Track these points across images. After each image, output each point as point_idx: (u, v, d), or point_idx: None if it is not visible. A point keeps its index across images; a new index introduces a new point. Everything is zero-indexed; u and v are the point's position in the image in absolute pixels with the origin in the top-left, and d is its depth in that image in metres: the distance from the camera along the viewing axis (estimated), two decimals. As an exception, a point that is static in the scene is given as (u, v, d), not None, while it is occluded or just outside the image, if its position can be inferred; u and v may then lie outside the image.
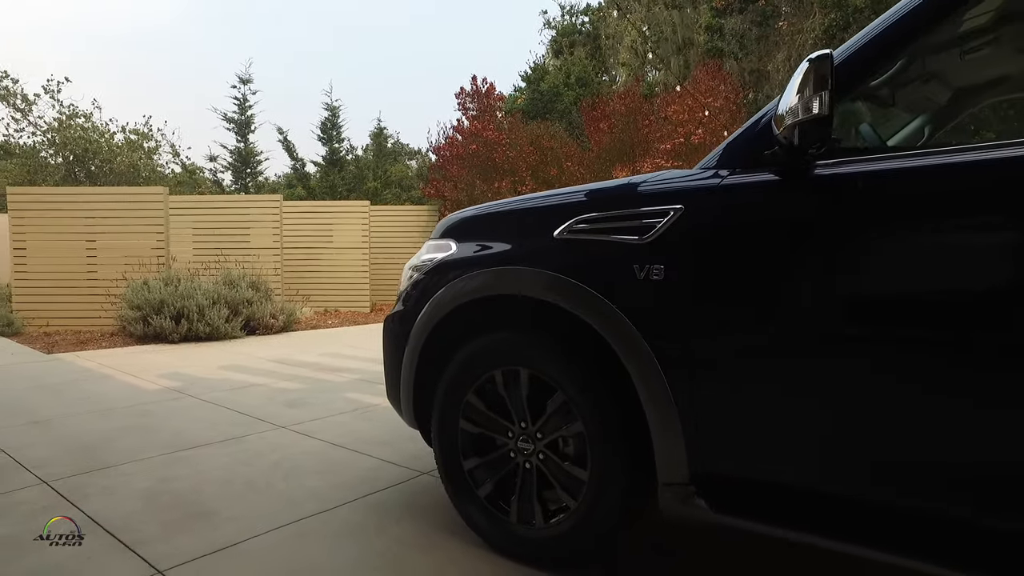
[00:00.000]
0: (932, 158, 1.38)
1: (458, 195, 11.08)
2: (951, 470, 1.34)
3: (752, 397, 1.54)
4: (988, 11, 1.71)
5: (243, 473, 2.80)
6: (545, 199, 2.04)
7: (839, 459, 1.46)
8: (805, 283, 1.48)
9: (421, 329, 2.19)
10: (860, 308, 1.41)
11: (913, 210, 1.37)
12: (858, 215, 1.43)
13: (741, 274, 1.56)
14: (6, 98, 10.95)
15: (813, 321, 1.47)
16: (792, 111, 1.35)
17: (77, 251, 8.02)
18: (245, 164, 17.85)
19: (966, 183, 1.33)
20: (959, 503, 1.33)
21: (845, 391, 1.42)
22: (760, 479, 1.56)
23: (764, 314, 1.53)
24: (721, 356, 1.58)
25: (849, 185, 1.44)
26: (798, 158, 1.46)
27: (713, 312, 1.58)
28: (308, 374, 5.28)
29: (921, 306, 1.34)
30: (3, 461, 2.97)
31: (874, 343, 1.39)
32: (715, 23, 11.47)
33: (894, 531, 1.38)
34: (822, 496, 1.49)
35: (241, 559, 2.01)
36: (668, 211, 1.64)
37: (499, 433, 2.06)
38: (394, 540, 2.14)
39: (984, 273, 1.28)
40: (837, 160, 1.47)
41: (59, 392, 4.54)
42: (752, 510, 1.55)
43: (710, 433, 1.58)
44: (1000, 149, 1.28)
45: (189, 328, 7.13)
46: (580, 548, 1.86)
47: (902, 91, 2.31)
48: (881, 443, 1.40)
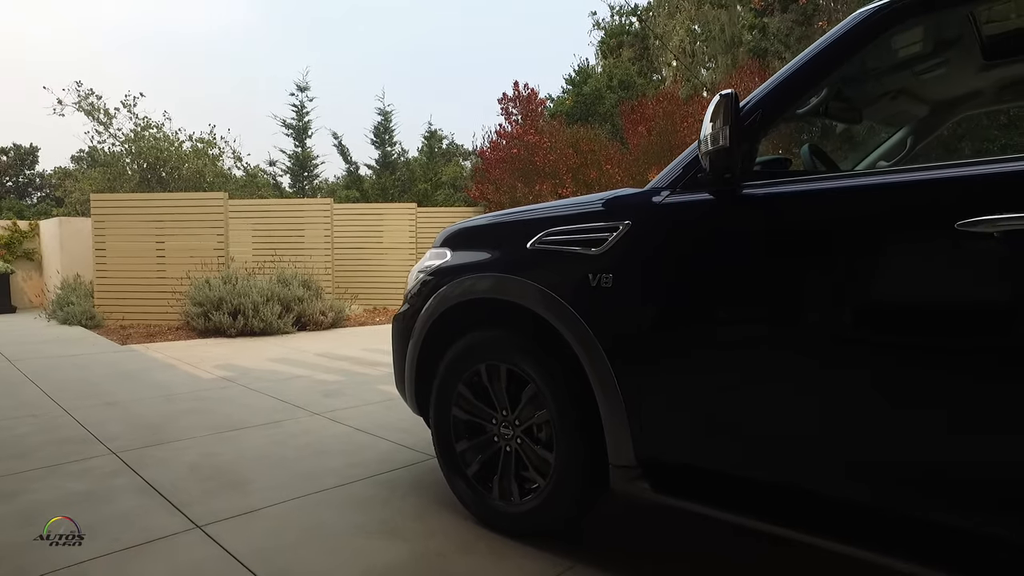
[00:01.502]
0: (826, 183, 1.57)
1: (500, 197, 11.39)
2: (839, 456, 1.53)
3: (681, 391, 1.76)
4: (915, 41, 1.88)
5: (276, 452, 3.18)
6: (523, 214, 2.30)
7: (757, 448, 1.66)
8: (726, 289, 1.70)
9: (421, 327, 2.49)
10: (769, 310, 1.62)
11: (805, 226, 1.58)
12: (767, 230, 1.64)
13: (675, 281, 1.79)
14: (91, 113, 12.01)
15: (734, 323, 1.68)
16: (704, 141, 1.58)
17: (148, 251, 8.76)
18: (303, 168, 18.73)
19: (847, 206, 1.53)
20: (850, 486, 1.52)
21: (758, 386, 1.63)
22: (691, 464, 1.78)
23: (694, 317, 1.75)
24: (657, 354, 1.81)
25: (763, 204, 1.65)
26: (720, 181, 1.67)
27: (652, 315, 1.81)
28: (348, 367, 5.69)
29: (816, 305, 1.54)
30: (83, 434, 3.46)
31: (779, 343, 1.59)
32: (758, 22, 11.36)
33: (804, 511, 1.58)
34: (744, 481, 1.70)
35: (263, 520, 2.36)
36: (617, 226, 1.88)
37: (485, 420, 2.33)
38: (395, 511, 2.45)
39: (862, 278, 1.47)
40: (760, 183, 1.68)
41: (131, 379, 5.10)
42: (686, 491, 1.77)
43: (650, 422, 1.81)
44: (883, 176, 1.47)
45: (245, 323, 7.71)
46: (547, 521, 2.12)
47: (871, 108, 2.46)
48: (789, 432, 1.60)
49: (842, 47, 1.61)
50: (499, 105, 11.78)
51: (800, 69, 1.64)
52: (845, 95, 2.15)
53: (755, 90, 1.75)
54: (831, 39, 1.62)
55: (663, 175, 1.90)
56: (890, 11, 1.57)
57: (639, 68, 17.56)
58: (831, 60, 1.64)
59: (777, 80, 1.66)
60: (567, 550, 2.10)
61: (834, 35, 1.62)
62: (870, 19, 1.58)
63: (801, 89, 1.69)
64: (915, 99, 2.45)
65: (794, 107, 1.74)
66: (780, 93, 1.66)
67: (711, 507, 1.69)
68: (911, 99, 2.43)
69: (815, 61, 1.63)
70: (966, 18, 1.83)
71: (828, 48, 1.61)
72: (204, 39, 65.26)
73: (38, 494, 2.60)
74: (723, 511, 1.66)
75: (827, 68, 1.66)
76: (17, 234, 11.88)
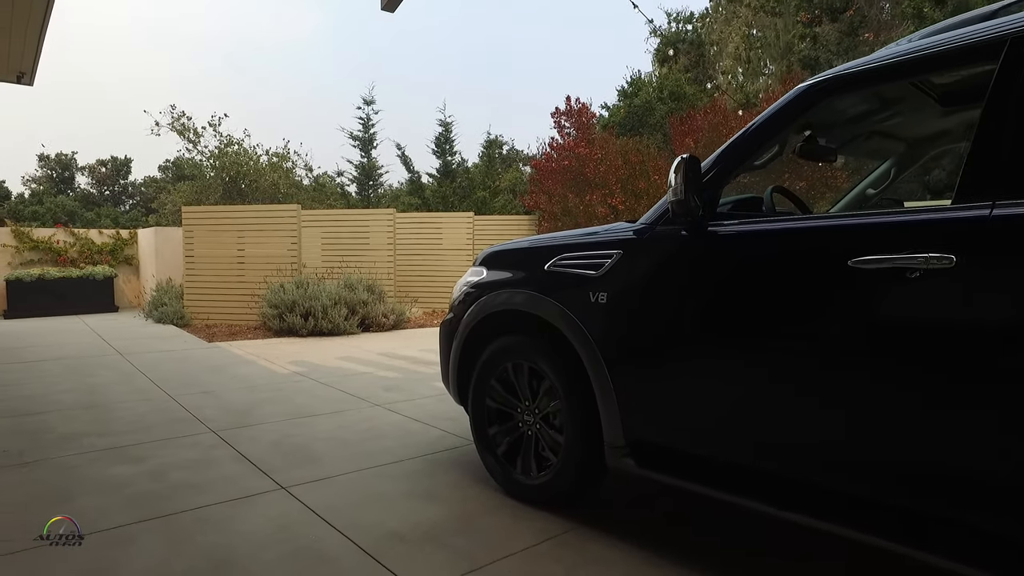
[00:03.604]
0: (762, 225, 2.00)
1: (553, 207, 11.86)
2: (764, 438, 1.94)
3: (657, 387, 2.21)
4: (866, 101, 2.26)
5: (341, 435, 3.78)
6: (542, 241, 2.78)
7: (718, 432, 2.09)
8: (689, 306, 2.14)
9: (462, 332, 3.02)
10: (722, 323, 2.05)
11: (745, 258, 2.03)
12: (720, 261, 2.08)
13: (652, 299, 2.24)
14: (183, 132, 13.30)
15: (696, 333, 2.12)
16: (670, 191, 2.03)
17: (231, 258, 9.71)
18: (368, 177, 19.81)
19: (773, 243, 1.97)
20: (768, 461, 1.93)
21: (718, 383, 2.06)
22: (666, 445, 2.22)
23: (666, 328, 2.20)
24: (639, 357, 2.26)
25: (718, 240, 2.08)
26: (685, 222, 2.11)
27: (635, 326, 2.27)
28: (406, 365, 6.30)
29: (753, 318, 1.98)
30: (188, 416, 4.18)
31: (727, 350, 2.03)
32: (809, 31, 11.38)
33: (744, 481, 2.00)
34: (709, 459, 2.12)
35: (332, 486, 2.94)
36: (612, 254, 2.34)
37: (512, 409, 2.83)
38: (438, 482, 2.98)
39: (783, 299, 1.89)
40: (719, 223, 2.11)
41: (219, 372, 5.88)
42: (663, 467, 2.21)
43: (635, 412, 2.26)
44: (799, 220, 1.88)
45: (315, 324, 8.49)
46: (557, 492, 2.59)
47: (848, 147, 2.83)
48: (743, 420, 2.02)
49: (780, 118, 2.03)
50: (552, 119, 12.26)
51: (748, 135, 2.07)
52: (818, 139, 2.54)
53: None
54: (771, 112, 2.04)
55: (650, 212, 2.35)
56: (817, 89, 1.97)
57: (695, 75, 17.68)
58: (772, 128, 2.06)
59: (731, 143, 2.10)
60: (572, 515, 2.57)
61: (773, 109, 2.04)
62: (800, 96, 1.99)
63: (749, 151, 2.11)
64: (888, 138, 2.79)
65: (746, 164, 2.16)
66: (733, 154, 2.09)
67: (678, 479, 2.13)
68: (884, 138, 2.78)
69: (759, 129, 2.06)
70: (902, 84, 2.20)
71: (769, 119, 2.04)
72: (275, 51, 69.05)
73: (161, 459, 3.28)
74: (687, 482, 2.10)
75: (769, 134, 2.08)
76: (119, 242, 13.26)
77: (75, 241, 12.82)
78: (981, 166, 1.59)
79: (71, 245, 12.74)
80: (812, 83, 1.99)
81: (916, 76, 2.07)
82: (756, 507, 1.91)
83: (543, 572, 2.14)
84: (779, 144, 2.20)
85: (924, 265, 1.58)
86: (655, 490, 2.85)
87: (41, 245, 12.46)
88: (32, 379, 5.46)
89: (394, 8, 5.24)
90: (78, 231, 13.17)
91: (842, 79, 1.94)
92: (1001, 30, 1.61)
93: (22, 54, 6.19)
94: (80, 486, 2.90)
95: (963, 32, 1.71)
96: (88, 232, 13.25)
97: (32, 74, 6.93)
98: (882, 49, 2.01)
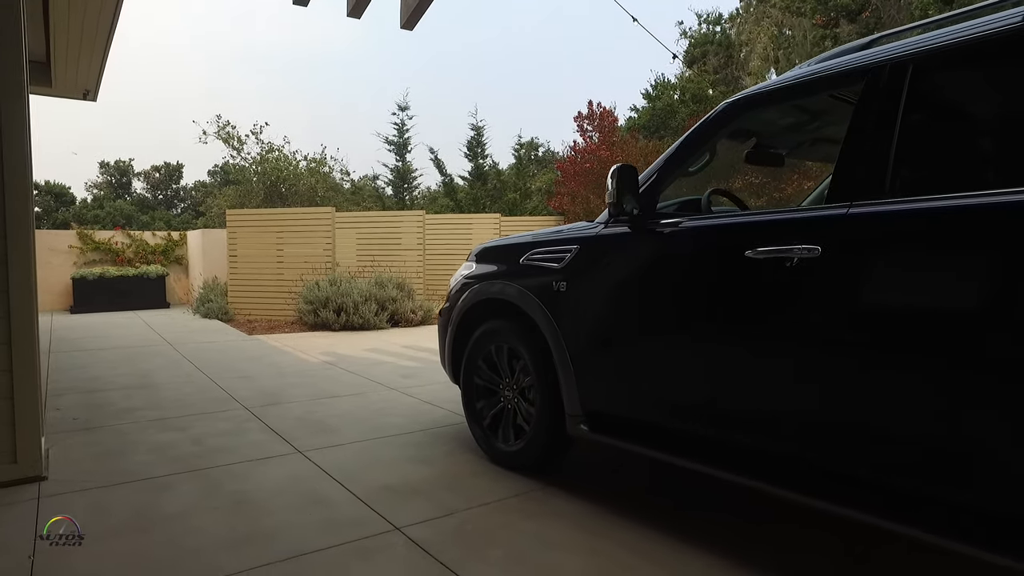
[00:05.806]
0: (686, 223, 2.34)
1: (575, 208, 12.21)
2: (690, 404, 2.29)
3: (603, 360, 2.58)
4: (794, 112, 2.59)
5: (357, 413, 4.25)
6: (521, 238, 3.17)
7: (648, 398, 2.45)
8: (630, 293, 2.50)
9: (455, 318, 3.44)
10: (657, 308, 2.41)
11: (672, 251, 2.38)
12: (654, 254, 2.44)
13: (600, 287, 2.61)
14: (227, 140, 14.19)
15: (637, 316, 2.49)
16: (607, 195, 2.40)
17: (270, 257, 10.38)
18: (403, 180, 20.52)
19: (691, 239, 2.31)
20: (695, 425, 2.28)
21: (648, 357, 2.42)
22: (613, 412, 2.59)
23: (611, 312, 2.57)
24: (590, 336, 2.63)
25: (652, 236, 2.44)
26: (625, 222, 2.48)
27: (587, 311, 2.64)
28: (425, 356, 6.76)
29: (680, 304, 2.32)
30: (224, 396, 4.73)
31: (662, 330, 2.38)
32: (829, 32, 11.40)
33: (679, 442, 2.35)
34: (643, 423, 2.49)
35: (343, 452, 3.40)
36: (571, 248, 2.72)
37: (495, 385, 3.23)
38: (435, 451, 3.41)
39: (699, 285, 2.24)
40: (655, 221, 2.46)
41: (255, 360, 6.45)
42: (611, 431, 2.58)
43: (588, 384, 2.64)
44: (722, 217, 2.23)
45: (347, 319, 9.05)
46: (529, 457, 2.98)
47: (795, 152, 3.14)
48: (673, 392, 2.37)
49: (706, 131, 2.38)
50: (575, 123, 12.60)
51: (680, 147, 2.43)
52: (765, 146, 2.87)
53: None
54: (699, 126, 2.39)
55: (604, 213, 2.72)
56: (737, 105, 2.31)
57: (724, 76, 17.73)
58: (701, 139, 2.41)
59: (665, 155, 2.46)
60: (545, 480, 2.95)
61: (700, 123, 2.39)
62: (722, 112, 2.33)
63: (682, 160, 2.47)
64: (831, 143, 3.08)
65: (679, 172, 2.51)
66: (667, 163, 2.45)
67: (622, 441, 2.50)
68: (828, 143, 3.07)
69: (688, 141, 2.41)
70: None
71: (697, 132, 2.39)
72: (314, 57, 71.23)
73: (201, 429, 3.81)
74: (629, 443, 2.47)
75: (698, 145, 2.43)
76: (171, 243, 14.22)
77: (131, 242, 13.82)
78: (843, 173, 1.92)
79: (128, 246, 13.73)
80: (732, 101, 2.34)
81: (805, 97, 2.35)
82: (678, 462, 2.27)
83: (504, 517, 2.54)
84: (709, 152, 2.54)
85: (798, 255, 1.91)
86: (627, 461, 3.22)
87: (102, 246, 13.49)
88: (95, 364, 6.14)
89: (412, 26, 5.70)
90: (134, 233, 14.18)
91: (753, 97, 2.28)
92: (862, 62, 1.93)
93: (88, 74, 6.90)
94: (133, 447, 3.44)
95: (839, 61, 2.04)
96: (143, 234, 14.25)
97: (96, 90, 7.66)
98: (791, 70, 2.34)
